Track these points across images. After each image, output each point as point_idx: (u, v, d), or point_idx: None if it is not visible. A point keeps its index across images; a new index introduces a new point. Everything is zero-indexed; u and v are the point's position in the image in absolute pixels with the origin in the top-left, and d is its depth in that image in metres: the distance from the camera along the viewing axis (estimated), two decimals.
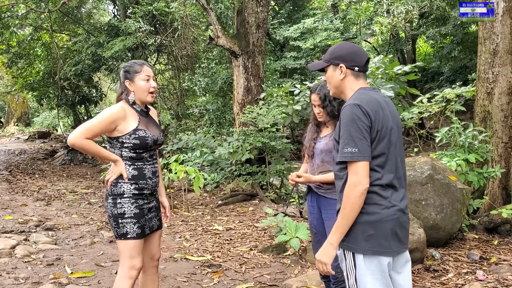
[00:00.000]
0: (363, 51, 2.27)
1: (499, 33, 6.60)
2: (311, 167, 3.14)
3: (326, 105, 2.99)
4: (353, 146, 2.01)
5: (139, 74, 2.81)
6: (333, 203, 2.94)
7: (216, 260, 4.59)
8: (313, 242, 3.19)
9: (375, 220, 2.04)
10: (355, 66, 2.20)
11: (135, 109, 2.84)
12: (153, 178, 2.85)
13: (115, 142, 2.77)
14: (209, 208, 7.71)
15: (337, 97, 2.34)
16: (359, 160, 2.00)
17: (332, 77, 2.25)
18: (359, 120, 2.02)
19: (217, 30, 9.63)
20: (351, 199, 2.01)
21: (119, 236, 2.75)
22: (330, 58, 2.25)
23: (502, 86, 6.63)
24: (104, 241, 5.40)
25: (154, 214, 2.91)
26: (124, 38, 11.97)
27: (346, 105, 2.10)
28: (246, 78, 9.78)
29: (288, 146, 8.94)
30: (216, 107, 12.44)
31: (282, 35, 18.11)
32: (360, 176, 2.00)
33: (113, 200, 2.73)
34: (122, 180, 2.73)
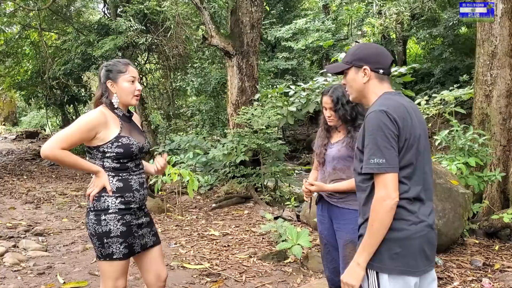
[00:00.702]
0: (388, 53, 2.11)
1: (497, 35, 6.54)
2: (322, 174, 3.01)
3: (339, 108, 2.86)
4: (380, 156, 1.85)
5: (123, 74, 2.52)
6: (346, 213, 2.82)
7: (215, 268, 4.44)
8: (323, 253, 3.05)
9: (402, 237, 1.89)
10: (380, 69, 2.04)
11: (117, 113, 2.53)
12: (140, 190, 2.56)
13: (96, 152, 2.47)
14: (203, 211, 7.55)
15: (358, 102, 2.19)
16: (387, 172, 1.85)
17: (353, 81, 2.08)
18: (386, 127, 1.86)
19: (210, 29, 9.47)
20: (380, 215, 1.85)
21: (103, 256, 2.45)
22: (352, 59, 2.08)
23: (500, 88, 6.57)
24: None
25: (147, 230, 2.62)
26: (115, 37, 11.78)
27: (371, 112, 1.93)
28: (240, 78, 9.64)
29: (283, 148, 8.81)
30: (209, 108, 12.29)
31: (274, 35, 18.01)
32: (389, 189, 1.84)
33: (96, 217, 2.43)
34: (106, 193, 2.45)
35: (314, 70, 20.95)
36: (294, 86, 8.88)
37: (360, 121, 2.85)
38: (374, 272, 1.92)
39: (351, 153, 2.81)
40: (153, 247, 2.66)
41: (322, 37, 17.58)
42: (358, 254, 1.94)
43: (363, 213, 2.01)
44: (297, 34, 18.20)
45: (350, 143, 2.84)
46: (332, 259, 2.97)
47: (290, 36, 17.84)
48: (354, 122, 2.87)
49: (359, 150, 2.01)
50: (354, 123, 2.86)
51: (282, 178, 9.00)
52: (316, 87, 8.60)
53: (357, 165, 2.04)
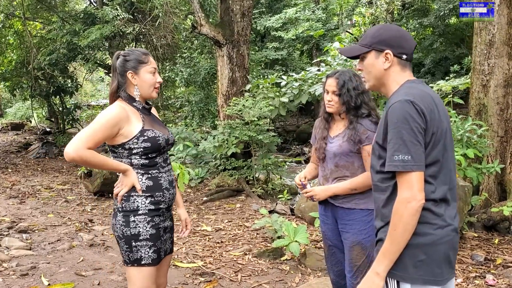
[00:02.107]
0: (411, 36, 1.87)
1: (495, 23, 6.38)
2: (323, 171, 2.78)
3: (343, 93, 2.61)
4: (406, 152, 1.63)
5: (145, 65, 2.33)
6: (351, 213, 2.62)
7: (208, 267, 4.24)
8: (327, 255, 2.85)
9: (427, 242, 1.68)
10: (403, 54, 1.81)
11: (136, 107, 2.35)
12: (170, 189, 2.38)
13: (121, 150, 2.29)
14: (194, 205, 7.35)
15: (376, 90, 1.93)
16: (413, 170, 1.63)
17: (372, 66, 1.84)
18: (413, 120, 1.64)
19: (200, 18, 9.20)
20: (404, 219, 1.64)
21: (132, 261, 2.28)
22: (372, 42, 1.83)
23: (498, 78, 6.43)
24: (84, 245, 4.98)
25: (169, 236, 2.45)
26: (101, 27, 11.46)
27: (395, 101, 1.69)
28: (231, 68, 9.40)
29: (275, 140, 8.62)
30: (198, 99, 12.02)
31: (263, 25, 17.75)
32: (415, 190, 1.63)
33: (125, 218, 2.27)
34: (135, 193, 2.28)
35: (304, 60, 20.75)
36: (286, 76, 8.69)
37: (364, 110, 2.63)
38: (395, 282, 1.72)
39: (353, 147, 2.61)
40: (168, 254, 2.49)
41: (312, 27, 17.36)
42: (378, 262, 1.72)
43: (382, 216, 1.79)
44: (287, 24, 17.96)
45: (351, 136, 2.61)
46: (337, 261, 2.78)
47: (280, 25, 17.59)
48: (357, 111, 2.63)
49: (378, 144, 1.79)
50: (357, 112, 2.63)
51: (274, 171, 8.83)
52: (308, 78, 8.41)
53: (375, 162, 1.82)
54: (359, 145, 2.59)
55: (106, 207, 6.91)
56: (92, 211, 6.66)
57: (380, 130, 1.77)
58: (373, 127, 2.59)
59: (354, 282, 2.61)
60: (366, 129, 2.59)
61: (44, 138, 15.20)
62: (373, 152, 1.85)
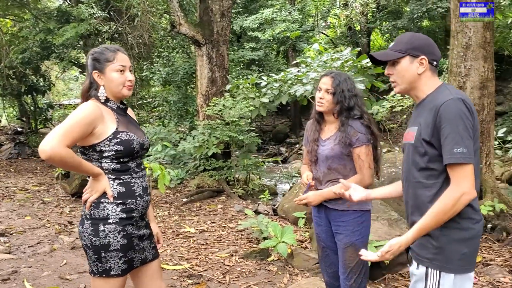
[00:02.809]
0: (435, 44, 2.03)
1: (471, 26, 6.52)
2: (316, 174, 2.78)
3: (338, 92, 2.62)
4: (464, 146, 1.76)
5: (111, 63, 2.20)
6: (344, 215, 2.64)
7: (195, 269, 4.20)
8: (321, 256, 2.86)
9: (470, 237, 1.85)
10: (434, 60, 1.98)
11: (110, 107, 2.23)
12: (144, 196, 2.25)
13: (91, 152, 2.15)
14: (175, 206, 7.28)
15: (405, 93, 2.05)
16: (469, 163, 1.77)
17: (407, 71, 1.97)
18: (466, 117, 1.78)
19: (179, 17, 9.13)
20: (457, 207, 1.78)
21: (99, 272, 2.14)
22: (407, 48, 1.96)
23: (474, 80, 6.58)
24: (65, 248, 4.88)
25: (147, 243, 2.31)
26: (77, 25, 11.23)
27: (447, 100, 1.81)
28: (210, 68, 9.36)
29: (255, 140, 8.62)
30: (177, 99, 11.90)
31: (239, 25, 17.73)
32: (470, 183, 1.77)
33: (93, 226, 2.12)
34: (106, 199, 2.13)
35: (280, 61, 20.81)
36: (266, 77, 8.71)
37: (356, 111, 2.65)
38: (437, 272, 1.86)
39: (345, 150, 2.62)
40: (152, 261, 2.36)
41: (289, 28, 17.44)
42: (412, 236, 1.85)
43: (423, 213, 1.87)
44: (264, 24, 17.99)
45: (342, 138, 2.62)
46: (330, 263, 2.79)
47: (257, 26, 17.60)
48: (349, 113, 2.64)
49: (425, 141, 1.87)
50: (350, 113, 2.64)
51: (254, 171, 8.83)
52: (288, 79, 8.45)
53: (418, 159, 1.91)
54: (350, 148, 2.61)
55: None
56: (71, 213, 6.53)
57: (426, 128, 1.87)
58: (363, 129, 2.61)
59: (348, 284, 2.64)
60: (356, 131, 2.61)
61: (16, 138, 14.80)
62: (415, 150, 1.91)
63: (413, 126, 1.99)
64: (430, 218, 1.81)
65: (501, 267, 4.33)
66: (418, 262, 1.92)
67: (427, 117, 1.87)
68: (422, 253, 1.89)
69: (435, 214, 1.80)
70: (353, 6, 17.83)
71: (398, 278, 4.19)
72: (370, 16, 19.98)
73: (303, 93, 7.55)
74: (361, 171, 2.60)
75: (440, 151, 1.83)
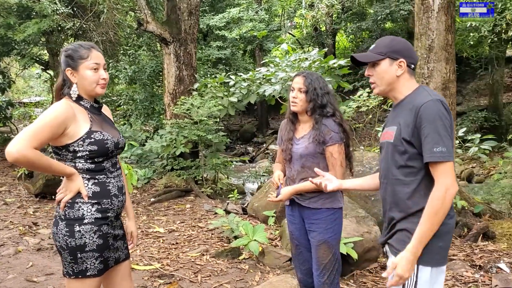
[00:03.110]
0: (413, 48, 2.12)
1: (434, 29, 6.72)
2: (289, 172, 2.83)
3: (310, 90, 2.69)
4: (443, 145, 1.85)
5: (85, 61, 2.15)
6: (318, 213, 2.70)
7: (166, 268, 4.17)
8: (294, 254, 2.90)
9: (445, 231, 1.93)
10: (412, 64, 2.06)
11: (83, 105, 2.18)
12: (119, 195, 2.23)
13: (65, 152, 2.11)
14: (142, 206, 7.20)
15: (383, 95, 2.12)
16: (450, 161, 1.86)
17: (386, 72, 2.05)
18: (445, 117, 1.88)
19: (146, 15, 9.03)
20: (445, 204, 1.85)
21: (75, 273, 2.10)
22: (387, 51, 2.04)
23: (436, 81, 6.78)
24: (31, 250, 4.75)
25: (121, 243, 2.30)
26: (39, 21, 10.92)
27: (426, 101, 1.90)
28: (178, 67, 9.30)
29: (224, 139, 8.62)
30: (143, 97, 11.74)
31: (206, 23, 17.65)
32: (453, 178, 1.86)
33: (68, 227, 2.07)
34: (80, 199, 2.10)
35: (247, 60, 20.85)
36: (234, 76, 8.72)
37: (329, 109, 2.71)
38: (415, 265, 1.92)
39: (319, 148, 2.68)
40: (124, 260, 2.35)
41: (256, 27, 17.49)
42: (417, 244, 1.88)
43: (405, 208, 1.97)
44: (231, 23, 17.98)
45: (316, 137, 2.67)
46: (304, 260, 2.84)
47: (224, 25, 17.57)
48: (322, 110, 2.70)
49: (405, 140, 1.94)
50: (323, 111, 2.70)
51: (222, 170, 8.82)
52: (257, 78, 8.49)
53: (397, 157, 1.98)
54: (323, 146, 2.66)
55: (49, 210, 6.61)
56: (35, 214, 6.35)
57: (406, 127, 1.94)
58: (336, 128, 2.67)
59: (321, 280, 2.69)
60: (330, 130, 2.66)
61: None
62: (395, 148, 1.98)
63: (391, 125, 2.06)
64: (425, 222, 1.87)
65: (463, 262, 4.49)
66: (396, 256, 1.96)
67: (407, 118, 1.95)
68: (400, 247, 1.95)
69: (427, 217, 1.87)
70: (319, 7, 18.06)
71: (366, 274, 4.28)
72: (335, 18, 20.26)
73: (271, 93, 7.61)
74: (333, 169, 2.66)
75: (420, 150, 1.91)
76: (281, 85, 7.57)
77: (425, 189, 1.94)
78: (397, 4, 15.97)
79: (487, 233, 5.33)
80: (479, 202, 6.24)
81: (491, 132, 9.64)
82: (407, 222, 1.97)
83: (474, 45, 13.55)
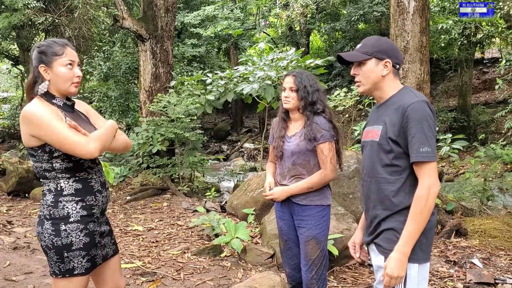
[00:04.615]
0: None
1: (409, 31, 6.89)
2: (280, 169, 2.87)
3: (301, 88, 2.75)
4: (428, 145, 1.91)
5: (59, 57, 2.09)
6: (306, 209, 2.74)
7: (148, 266, 4.15)
8: (283, 249, 2.95)
9: (429, 227, 1.97)
10: (398, 64, 2.10)
11: (56, 104, 2.11)
12: (102, 191, 2.20)
13: (40, 153, 2.05)
14: (118, 204, 7.11)
15: (368, 93, 2.15)
16: (434, 161, 1.92)
17: (372, 72, 2.07)
18: (430, 118, 1.94)
19: (122, 11, 8.92)
20: (429, 202, 1.90)
21: (62, 273, 2.07)
22: (373, 51, 2.07)
23: (411, 82, 6.94)
24: (6, 248, 4.64)
25: (108, 239, 2.27)
26: (9, 15, 10.66)
27: (413, 102, 1.95)
28: (154, 64, 9.22)
29: (201, 138, 8.59)
30: (118, 94, 11.58)
31: (180, 21, 17.53)
32: (435, 177, 1.92)
33: (54, 227, 2.04)
34: (63, 198, 2.06)
35: (221, 58, 20.81)
36: (212, 74, 8.71)
37: (319, 106, 2.76)
38: None
39: (310, 145, 2.73)
40: (113, 256, 2.33)
41: (231, 26, 17.48)
42: (405, 244, 1.92)
43: (390, 206, 2.01)
44: (205, 21, 17.90)
45: (308, 134, 2.73)
46: (292, 255, 2.89)
47: (198, 22, 17.49)
48: (313, 107, 2.76)
49: (391, 140, 1.99)
50: (313, 108, 2.76)
51: (199, 169, 8.80)
52: (234, 76, 8.51)
53: (383, 156, 2.02)
54: (314, 143, 2.72)
55: (23, 208, 6.46)
56: (9, 212, 6.20)
57: (392, 127, 1.99)
58: (327, 125, 2.73)
59: (309, 275, 2.74)
60: (321, 128, 2.72)
61: None
62: (380, 147, 2.01)
63: (376, 124, 2.09)
64: (411, 222, 1.92)
65: (438, 257, 4.63)
66: (384, 255, 2.01)
67: (393, 117, 1.99)
68: (388, 246, 1.99)
69: (413, 217, 1.92)
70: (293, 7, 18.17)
71: (346, 270, 4.37)
72: (309, 18, 20.42)
73: (249, 92, 7.64)
74: (324, 166, 2.71)
75: (405, 149, 1.96)
76: (258, 84, 7.61)
77: (409, 188, 1.98)
78: (370, 5, 16.22)
79: (459, 230, 5.49)
80: (451, 200, 6.42)
81: (460, 132, 9.94)
82: (392, 220, 2.01)
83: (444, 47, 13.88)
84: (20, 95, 18.13)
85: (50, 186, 2.10)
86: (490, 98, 17.27)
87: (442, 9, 13.31)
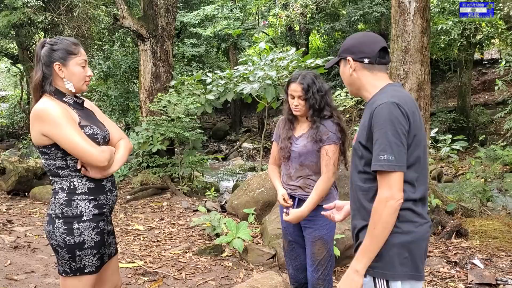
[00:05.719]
0: (375, 39, 1.91)
1: (410, 31, 6.88)
2: (287, 170, 2.86)
3: (309, 97, 2.71)
4: (390, 153, 1.68)
5: (75, 56, 2.09)
6: (314, 209, 2.73)
7: (149, 266, 4.14)
8: (287, 250, 2.94)
9: (411, 240, 1.75)
10: (364, 58, 1.87)
11: (67, 102, 2.12)
12: (113, 190, 2.22)
13: (54, 150, 2.05)
14: (118, 204, 7.09)
15: (355, 96, 2.04)
16: (395, 171, 1.69)
17: (343, 73, 1.96)
18: (398, 122, 1.70)
19: (122, 10, 8.90)
20: (383, 217, 1.69)
21: (73, 271, 2.08)
22: (340, 51, 1.96)
23: (412, 82, 6.94)
24: (7, 248, 4.62)
25: (112, 238, 2.30)
26: (9, 13, 10.63)
27: (380, 103, 1.74)
28: (154, 63, 9.21)
29: (201, 137, 8.59)
30: (118, 94, 11.56)
31: (180, 20, 17.52)
32: (394, 189, 1.69)
33: (67, 225, 2.04)
34: (77, 196, 2.07)
35: (220, 58, 20.80)
36: (212, 74, 8.71)
37: (326, 112, 2.75)
38: (384, 281, 1.76)
39: (316, 147, 2.73)
40: (114, 255, 2.35)
41: (230, 25, 17.47)
42: (357, 260, 1.76)
43: (366, 216, 1.79)
44: (205, 21, 17.89)
45: (314, 136, 2.72)
46: (296, 256, 2.89)
47: (198, 22, 17.47)
48: (320, 112, 2.75)
49: (361, 145, 1.82)
50: (321, 113, 2.75)
51: (198, 168, 8.80)
52: (234, 76, 8.51)
53: (357, 162, 1.86)
54: (320, 144, 2.71)
55: (23, 207, 6.45)
56: (9, 211, 6.18)
57: (363, 130, 1.83)
58: (334, 128, 2.73)
59: (315, 276, 2.74)
60: (328, 130, 2.72)
61: None
62: (355, 152, 1.88)
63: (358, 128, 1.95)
64: (366, 236, 1.76)
65: (439, 258, 4.63)
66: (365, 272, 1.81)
67: (365, 120, 1.83)
68: None
69: (368, 230, 1.75)
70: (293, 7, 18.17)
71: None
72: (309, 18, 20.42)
73: (249, 91, 7.64)
74: (327, 167, 2.70)
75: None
76: (259, 84, 7.61)
77: None
78: (370, 6, 16.23)
79: (460, 231, 5.50)
80: (452, 200, 6.43)
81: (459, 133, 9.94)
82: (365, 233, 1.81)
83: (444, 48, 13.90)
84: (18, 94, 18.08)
85: (62, 184, 2.10)
86: (489, 99, 17.29)
87: (442, 10, 13.33)
